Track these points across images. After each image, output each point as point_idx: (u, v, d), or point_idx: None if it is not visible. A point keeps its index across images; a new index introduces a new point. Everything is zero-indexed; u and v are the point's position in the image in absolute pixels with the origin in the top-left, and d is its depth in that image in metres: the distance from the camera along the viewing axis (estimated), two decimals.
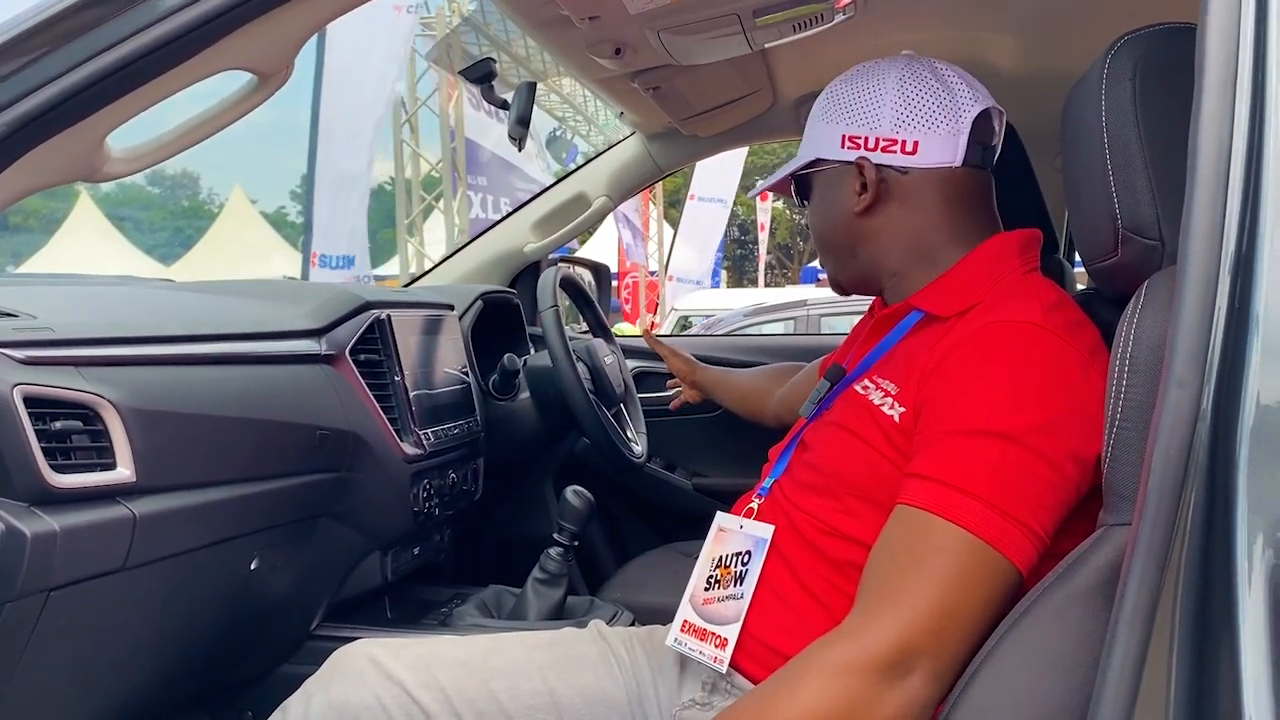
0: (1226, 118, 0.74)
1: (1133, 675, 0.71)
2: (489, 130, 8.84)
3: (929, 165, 1.14)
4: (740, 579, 1.12)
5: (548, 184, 2.65)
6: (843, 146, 1.17)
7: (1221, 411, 0.70)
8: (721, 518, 1.20)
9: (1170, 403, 0.72)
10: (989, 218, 1.18)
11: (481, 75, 1.67)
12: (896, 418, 1.03)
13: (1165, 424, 0.72)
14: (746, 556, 1.13)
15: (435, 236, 10.15)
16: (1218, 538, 0.69)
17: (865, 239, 1.19)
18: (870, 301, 1.30)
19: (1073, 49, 1.64)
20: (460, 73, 1.75)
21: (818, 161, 1.20)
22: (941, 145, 1.13)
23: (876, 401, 1.06)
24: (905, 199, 1.16)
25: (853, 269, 1.23)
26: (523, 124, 1.69)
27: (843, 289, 1.28)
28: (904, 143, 1.14)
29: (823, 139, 1.19)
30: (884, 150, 1.15)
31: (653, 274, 14.92)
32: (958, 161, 1.14)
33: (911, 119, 1.14)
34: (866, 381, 1.11)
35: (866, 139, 1.15)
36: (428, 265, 2.66)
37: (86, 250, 12.99)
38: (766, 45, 1.71)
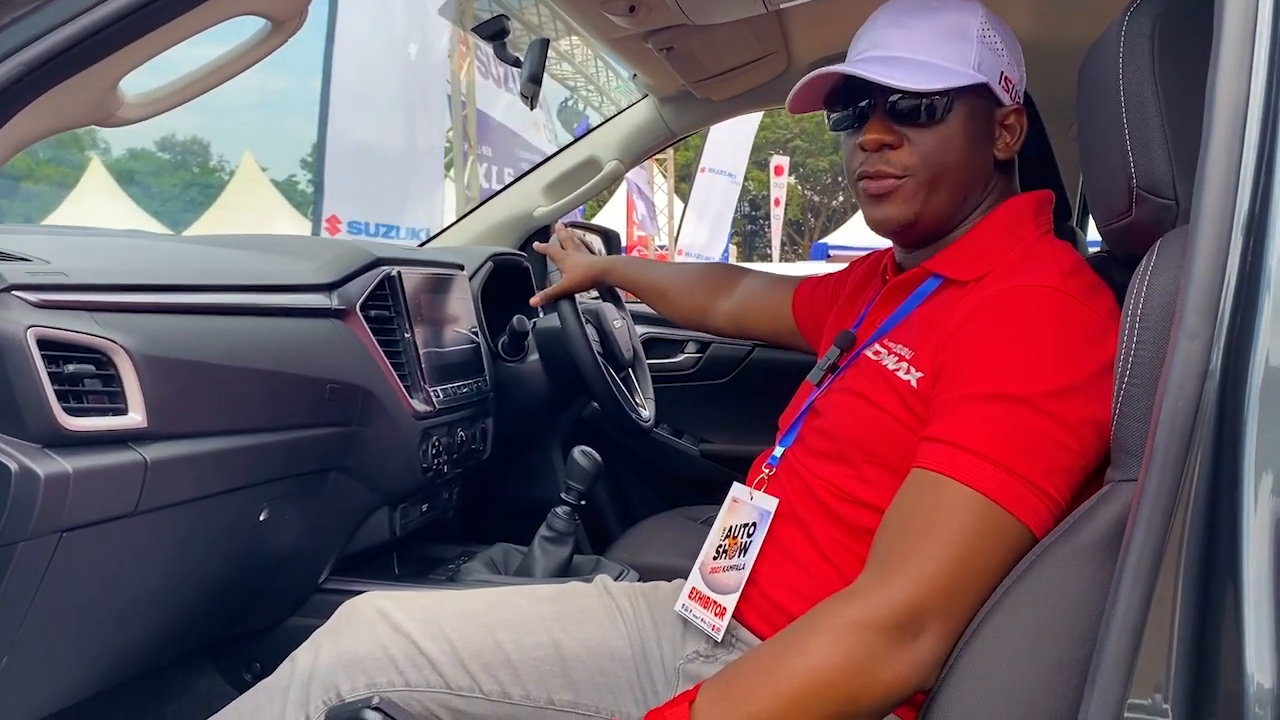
0: (1244, 76, 0.73)
1: (1136, 626, 0.71)
2: (497, 98, 8.80)
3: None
4: (744, 550, 1.13)
5: (549, 155, 2.64)
6: (999, 82, 1.11)
7: (1231, 368, 0.70)
8: (737, 488, 1.20)
9: (1180, 355, 0.72)
10: (1017, 189, 1.19)
11: (494, 32, 1.66)
12: (914, 382, 1.03)
13: (1174, 377, 0.72)
14: (752, 528, 1.14)
15: (446, 205, 10.11)
16: (1224, 492, 0.69)
17: (982, 188, 1.15)
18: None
19: (1090, 15, 1.63)
20: (473, 30, 1.74)
21: (984, 86, 1.10)
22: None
23: (891, 367, 1.06)
24: (1013, 161, 1.17)
25: (950, 213, 1.14)
26: (535, 81, 1.68)
27: (911, 229, 1.14)
28: (1022, 105, 1.15)
29: (986, 64, 1.10)
30: (1017, 105, 1.14)
31: (662, 248, 14.88)
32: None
33: (1023, 85, 1.15)
34: (878, 347, 1.10)
35: (1015, 88, 1.14)
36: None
37: (97, 214, 13.01)
38: (782, 6, 1.70)
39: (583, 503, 1.74)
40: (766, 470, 1.19)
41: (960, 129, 1.10)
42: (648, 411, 2.18)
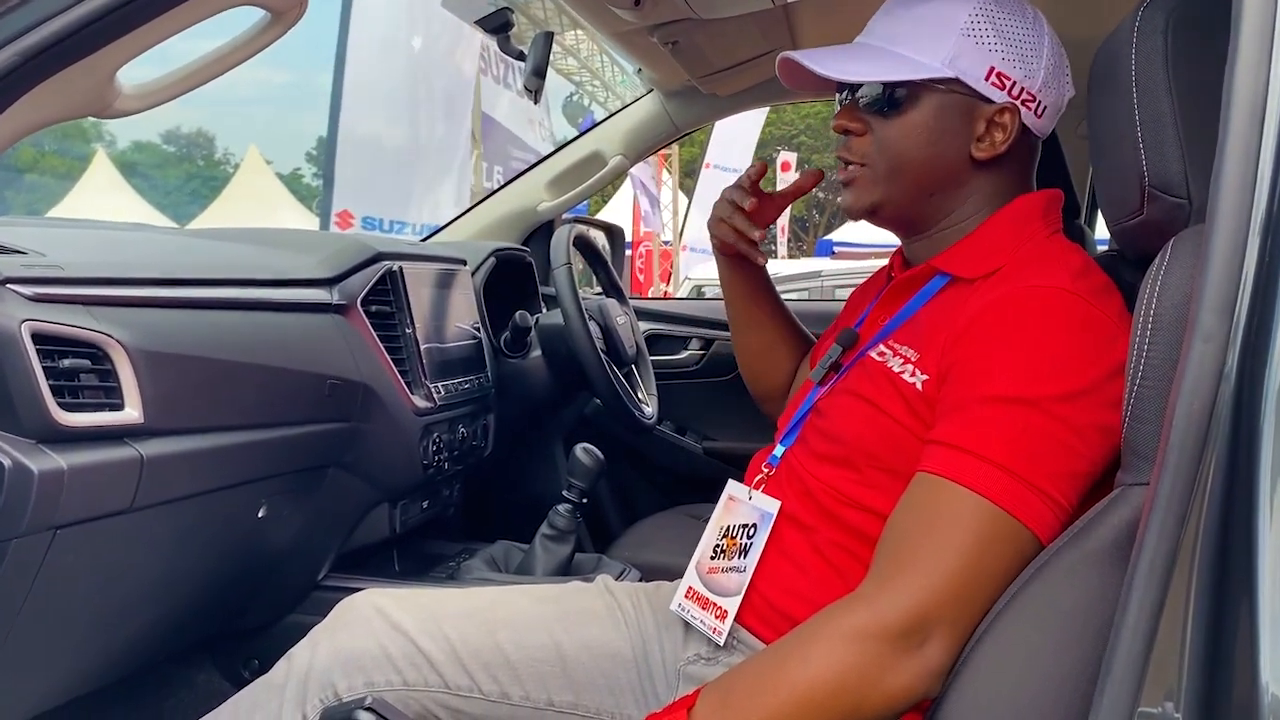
0: (1262, 72, 0.72)
1: (1147, 632, 0.70)
2: (498, 96, 8.76)
3: (1038, 133, 1.10)
4: (745, 551, 1.11)
5: (544, 154, 2.62)
6: (987, 79, 1.06)
7: (1246, 371, 0.69)
8: (733, 486, 1.18)
9: (1194, 357, 0.70)
10: (1029, 187, 1.15)
11: (498, 25, 1.65)
12: (919, 385, 1.01)
13: (1188, 380, 0.70)
14: (752, 529, 1.12)
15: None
16: (1239, 497, 0.68)
17: (956, 185, 1.10)
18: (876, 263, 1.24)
19: (1102, 9, 1.61)
20: (477, 23, 1.72)
21: (955, 81, 1.06)
22: (1052, 117, 1.10)
23: (896, 369, 1.04)
24: (1009, 160, 1.09)
25: (916, 207, 1.11)
26: (539, 75, 1.67)
27: (873, 216, 1.13)
28: (1039, 105, 1.08)
29: (964, 58, 1.05)
30: (1024, 104, 1.07)
31: (666, 243, 14.87)
32: (1044, 136, 1.12)
33: (1054, 84, 1.09)
34: (882, 347, 1.08)
35: (1015, 85, 1.06)
36: None
37: (101, 206, 13.02)
38: (789, 0, 1.68)
39: (584, 500, 1.73)
40: (766, 470, 1.17)
41: (924, 122, 1.07)
42: (650, 408, 2.17)
